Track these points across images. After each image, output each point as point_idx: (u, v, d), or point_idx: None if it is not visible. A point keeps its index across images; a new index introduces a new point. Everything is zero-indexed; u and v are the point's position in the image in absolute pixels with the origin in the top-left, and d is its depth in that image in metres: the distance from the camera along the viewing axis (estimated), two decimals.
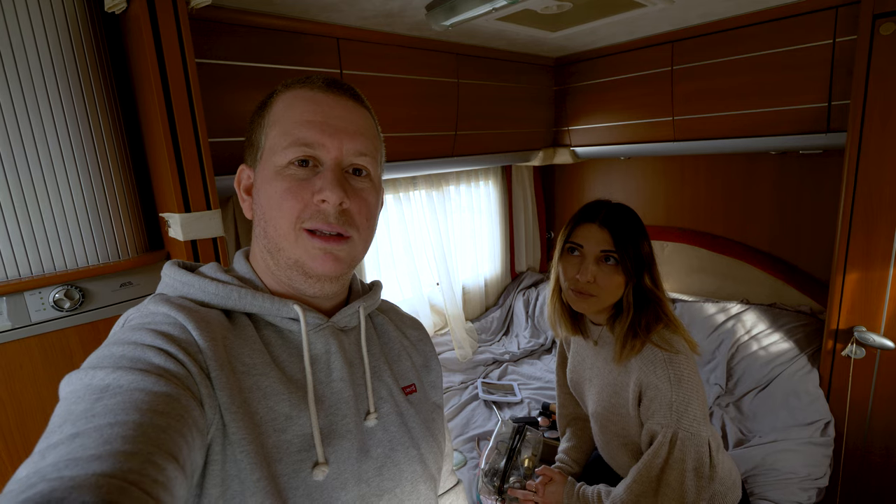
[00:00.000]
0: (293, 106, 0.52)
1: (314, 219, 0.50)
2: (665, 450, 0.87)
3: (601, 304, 0.96)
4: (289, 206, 0.50)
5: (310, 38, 1.40)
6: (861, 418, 1.45)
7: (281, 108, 0.53)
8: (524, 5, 1.32)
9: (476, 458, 1.54)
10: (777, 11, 1.48)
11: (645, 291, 0.95)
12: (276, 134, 0.52)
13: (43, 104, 0.92)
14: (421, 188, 2.15)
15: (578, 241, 0.97)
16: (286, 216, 0.50)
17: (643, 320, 0.93)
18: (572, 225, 1.00)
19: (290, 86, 0.54)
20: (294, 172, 0.51)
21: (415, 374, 0.65)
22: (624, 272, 0.93)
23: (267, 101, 0.55)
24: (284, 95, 0.53)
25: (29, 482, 0.30)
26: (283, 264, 0.52)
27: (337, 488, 0.50)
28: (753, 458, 1.39)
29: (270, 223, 0.51)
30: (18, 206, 0.92)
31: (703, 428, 0.89)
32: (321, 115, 0.51)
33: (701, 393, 0.91)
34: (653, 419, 0.90)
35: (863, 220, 1.34)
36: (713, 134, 1.72)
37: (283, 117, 0.52)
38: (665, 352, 0.90)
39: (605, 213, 0.96)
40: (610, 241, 0.93)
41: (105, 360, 0.41)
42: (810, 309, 1.77)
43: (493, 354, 2.21)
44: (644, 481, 0.88)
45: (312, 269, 0.51)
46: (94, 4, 0.98)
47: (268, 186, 0.51)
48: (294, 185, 0.50)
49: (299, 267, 0.51)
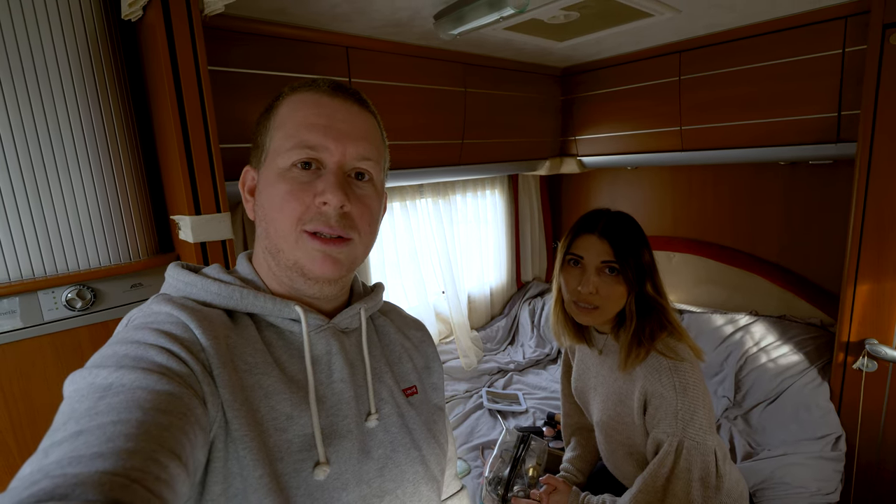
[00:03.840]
0: (298, 109, 0.53)
1: (315, 221, 0.50)
2: (671, 459, 0.86)
3: (604, 315, 0.95)
4: (290, 207, 0.50)
5: (320, 47, 1.43)
6: (873, 432, 1.41)
7: (286, 110, 0.53)
8: (531, 15, 1.34)
9: (480, 466, 1.52)
10: (785, 21, 1.48)
11: (648, 299, 0.95)
12: (281, 136, 0.52)
13: (60, 109, 0.95)
14: (427, 196, 2.17)
15: (579, 253, 0.96)
16: (287, 218, 0.50)
17: (647, 328, 0.93)
18: (572, 236, 0.99)
19: (296, 89, 0.55)
20: (296, 175, 0.51)
21: (416, 376, 0.65)
22: (626, 282, 0.93)
23: (273, 103, 0.56)
24: (290, 98, 0.54)
25: (32, 479, 0.30)
26: (283, 265, 0.52)
27: (338, 488, 0.50)
28: (762, 472, 1.36)
29: (272, 224, 0.52)
30: (34, 207, 0.94)
31: (710, 437, 0.87)
32: (325, 118, 0.52)
33: (707, 401, 0.90)
34: (658, 428, 0.89)
35: (874, 231, 1.33)
36: (721, 144, 1.71)
37: (287, 120, 0.52)
38: (670, 360, 0.90)
39: (604, 222, 0.95)
40: (610, 251, 0.92)
41: (108, 359, 0.41)
42: (820, 321, 1.74)
43: (498, 363, 2.20)
44: (650, 491, 0.87)
45: (311, 271, 0.51)
46: (111, 13, 1.01)
47: (270, 188, 0.52)
48: (296, 188, 0.50)
49: (298, 268, 0.52)
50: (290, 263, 0.52)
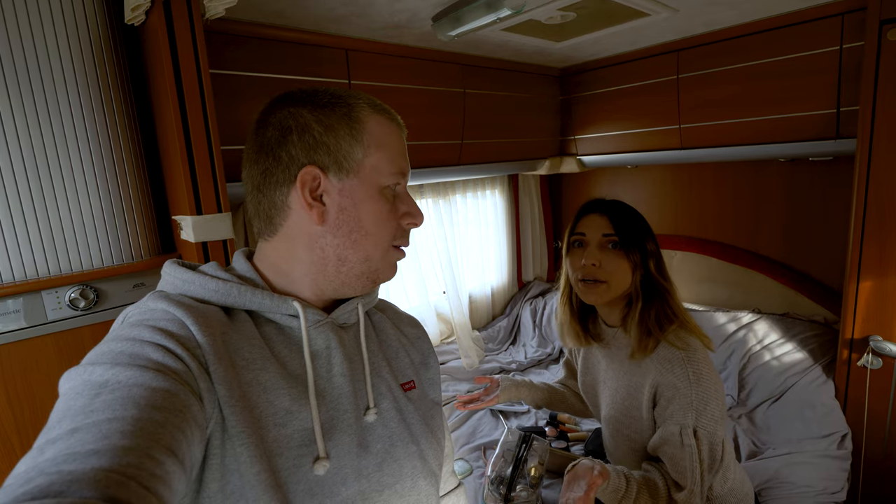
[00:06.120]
0: (391, 135, 0.57)
1: (403, 237, 0.59)
2: (679, 440, 0.87)
3: (610, 292, 0.96)
4: (390, 225, 0.56)
5: (320, 50, 1.44)
6: (880, 430, 1.40)
7: (380, 132, 0.55)
8: (528, 16, 1.35)
9: (482, 466, 1.52)
10: (783, 19, 1.48)
11: (653, 282, 0.97)
12: (384, 158, 0.55)
13: (64, 111, 0.97)
14: (428, 197, 2.18)
15: (581, 230, 1.01)
16: (387, 233, 0.56)
17: (653, 312, 0.94)
18: (574, 221, 1.04)
19: (376, 108, 0.56)
20: (389, 196, 0.56)
21: (413, 371, 0.65)
22: (628, 257, 0.95)
23: (352, 114, 0.54)
24: (377, 119, 0.56)
25: (27, 476, 0.30)
26: (354, 273, 0.56)
27: (337, 483, 0.50)
28: (767, 471, 1.35)
29: (368, 237, 0.55)
30: (39, 208, 0.95)
31: (720, 428, 0.88)
32: (404, 149, 0.59)
33: (720, 392, 0.91)
34: (672, 419, 0.89)
35: (875, 227, 1.32)
36: (720, 141, 1.71)
37: (387, 144, 0.56)
38: (682, 350, 0.90)
39: (603, 202, 1.02)
40: (609, 224, 0.97)
41: (104, 356, 0.42)
42: (824, 319, 1.73)
43: (500, 363, 2.19)
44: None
45: (386, 277, 0.59)
46: (113, 17, 1.03)
47: (371, 203, 0.55)
48: (392, 209, 0.56)
49: (372, 275, 0.57)
50: (368, 271, 0.56)
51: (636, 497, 0.85)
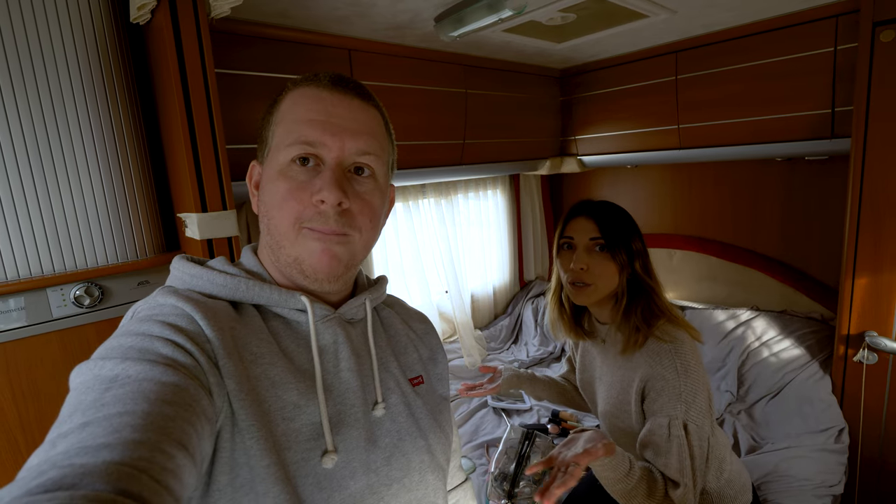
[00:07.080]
0: (298, 103, 0.52)
1: (314, 220, 0.50)
2: (667, 432, 0.88)
3: (597, 293, 0.99)
4: (289, 206, 0.51)
5: (323, 50, 1.45)
6: (876, 425, 1.42)
7: (287, 105, 0.53)
8: (529, 17, 1.37)
9: (485, 464, 1.53)
10: (779, 21, 1.50)
11: (639, 281, 0.99)
12: (281, 132, 0.52)
13: (70, 110, 0.97)
14: (430, 196, 2.19)
15: (569, 234, 1.03)
16: (287, 216, 0.51)
17: (637, 308, 0.97)
18: (563, 224, 1.06)
19: (298, 83, 0.54)
20: (295, 173, 0.51)
21: (421, 366, 0.65)
22: (615, 260, 0.97)
23: (276, 98, 0.56)
24: (292, 93, 0.54)
25: (40, 469, 0.30)
26: (283, 261, 0.53)
27: (346, 477, 0.50)
28: (766, 465, 1.37)
29: (273, 221, 0.53)
30: (44, 206, 0.96)
31: (707, 421, 0.89)
32: (324, 113, 0.51)
33: (706, 384, 0.92)
34: (662, 411, 0.89)
35: (870, 224, 1.34)
36: (718, 141, 1.73)
37: (288, 115, 0.53)
38: (669, 343, 0.92)
39: (589, 206, 1.04)
40: (596, 228, 0.99)
41: (114, 350, 0.42)
42: (821, 316, 1.76)
43: (502, 362, 2.20)
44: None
45: (310, 266, 0.52)
46: (119, 16, 1.03)
47: (271, 185, 0.52)
48: (294, 186, 0.51)
49: (298, 265, 0.52)
50: (290, 260, 0.52)
51: (636, 484, 0.85)
